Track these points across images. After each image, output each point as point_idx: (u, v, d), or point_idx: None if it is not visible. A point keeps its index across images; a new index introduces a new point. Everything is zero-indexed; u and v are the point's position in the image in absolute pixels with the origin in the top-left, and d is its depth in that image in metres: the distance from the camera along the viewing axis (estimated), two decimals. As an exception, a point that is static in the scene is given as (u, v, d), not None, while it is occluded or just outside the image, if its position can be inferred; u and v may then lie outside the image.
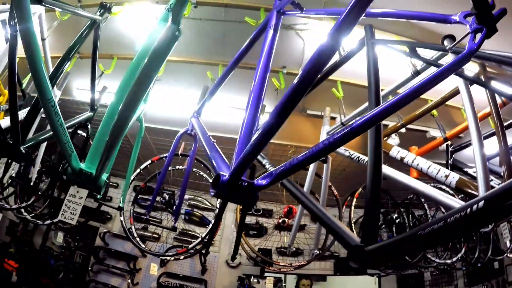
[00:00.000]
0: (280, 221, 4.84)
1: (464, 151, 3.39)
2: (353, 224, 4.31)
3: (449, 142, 3.41)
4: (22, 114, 3.27)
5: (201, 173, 4.29)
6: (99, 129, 1.67)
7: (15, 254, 5.95)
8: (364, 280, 6.33)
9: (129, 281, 5.91)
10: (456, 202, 1.60)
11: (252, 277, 6.05)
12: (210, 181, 1.30)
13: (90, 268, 5.96)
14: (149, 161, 4.01)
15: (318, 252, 4.28)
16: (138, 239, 4.09)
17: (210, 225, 3.87)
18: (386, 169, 2.23)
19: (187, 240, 5.96)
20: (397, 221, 4.60)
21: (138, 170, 3.93)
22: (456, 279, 5.98)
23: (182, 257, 4.22)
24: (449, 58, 2.08)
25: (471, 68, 2.47)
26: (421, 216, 4.83)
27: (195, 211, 6.27)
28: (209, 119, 3.63)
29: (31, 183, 3.89)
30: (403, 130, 3.76)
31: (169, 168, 3.74)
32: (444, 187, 2.49)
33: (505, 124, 2.20)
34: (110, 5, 2.91)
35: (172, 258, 4.25)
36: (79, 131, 3.54)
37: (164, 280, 5.94)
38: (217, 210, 3.90)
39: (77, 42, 2.57)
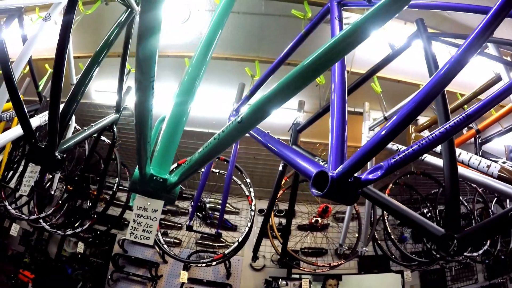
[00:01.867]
0: (313, 220, 4.60)
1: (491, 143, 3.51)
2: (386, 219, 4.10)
3: (478, 135, 3.38)
4: (39, 118, 3.04)
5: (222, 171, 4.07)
6: (166, 129, 1.40)
7: (30, 264, 5.73)
8: (390, 276, 6.12)
9: (151, 288, 5.66)
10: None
11: (280, 279, 5.78)
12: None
13: (109, 276, 5.70)
14: (175, 165, 3.74)
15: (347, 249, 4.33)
16: (165, 246, 3.84)
17: (246, 229, 3.61)
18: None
19: (210, 245, 5.72)
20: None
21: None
22: (476, 273, 5.90)
23: (214, 263, 3.95)
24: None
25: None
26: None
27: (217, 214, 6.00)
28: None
29: (52, 192, 3.62)
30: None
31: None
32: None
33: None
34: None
35: (204, 264, 3.99)
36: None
37: (187, 286, 5.67)
38: (252, 213, 3.65)
39: (111, 38, 2.22)
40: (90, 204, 3.94)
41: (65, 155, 1.83)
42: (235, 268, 5.98)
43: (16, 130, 2.41)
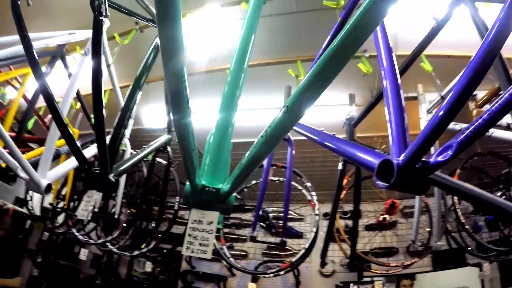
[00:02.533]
0: (381, 218, 4.35)
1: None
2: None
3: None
4: (95, 147, 3.13)
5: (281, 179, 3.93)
6: (214, 141, 1.36)
7: (102, 286, 5.96)
8: (467, 271, 5.66)
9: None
10: None
11: (351, 284, 5.53)
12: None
13: (179, 293, 5.78)
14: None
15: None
16: (232, 259, 3.78)
17: (312, 234, 3.47)
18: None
19: (276, 254, 5.61)
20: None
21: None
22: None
23: (282, 273, 3.84)
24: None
25: None
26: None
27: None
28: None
29: (116, 216, 3.71)
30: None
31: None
32: None
33: None
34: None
35: (272, 275, 3.88)
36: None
37: (256, 298, 5.60)
38: (317, 217, 3.51)
39: (149, 61, 2.30)
40: (154, 224, 3.98)
41: (119, 178, 1.83)
42: (304, 276, 5.83)
43: (73, 161, 2.46)
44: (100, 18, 1.53)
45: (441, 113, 0.89)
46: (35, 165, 2.12)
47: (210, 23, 3.34)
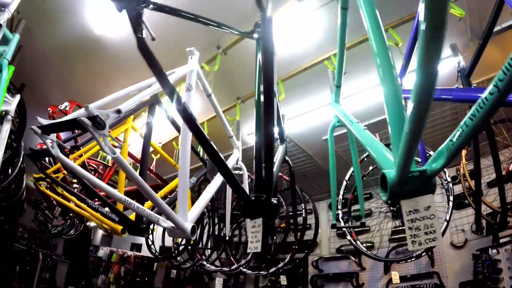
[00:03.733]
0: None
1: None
2: None
3: None
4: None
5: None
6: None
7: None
8: None
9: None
10: None
11: (490, 248, 5.14)
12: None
13: (313, 300, 5.75)
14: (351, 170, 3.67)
15: None
16: (368, 251, 3.69)
17: (450, 204, 3.27)
18: None
19: (403, 237, 5.39)
20: None
21: (344, 183, 3.60)
22: None
23: (424, 254, 3.67)
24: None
25: None
26: None
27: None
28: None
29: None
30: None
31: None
32: None
33: None
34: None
35: (414, 259, 3.71)
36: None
37: (393, 286, 5.40)
38: (451, 185, 3.32)
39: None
40: (283, 237, 3.99)
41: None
42: (436, 254, 5.51)
43: (210, 190, 2.47)
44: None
45: None
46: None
47: (292, 20, 3.34)
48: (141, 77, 1.77)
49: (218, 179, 2.64)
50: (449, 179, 3.31)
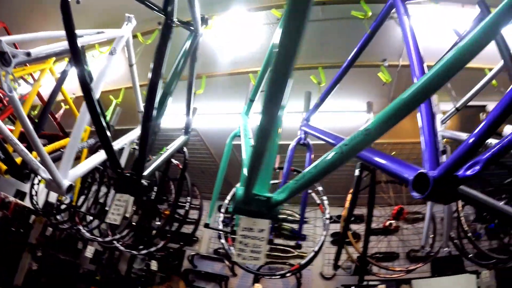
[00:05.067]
0: (387, 223, 4.39)
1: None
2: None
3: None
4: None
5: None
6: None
7: (101, 282, 5.94)
8: (464, 278, 5.71)
9: (221, 302, 5.66)
10: None
11: (353, 287, 5.56)
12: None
13: (181, 292, 5.76)
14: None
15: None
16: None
17: (322, 238, 3.47)
18: None
19: (277, 256, 5.61)
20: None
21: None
22: None
23: (289, 275, 3.85)
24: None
25: None
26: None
27: (285, 225, 5.88)
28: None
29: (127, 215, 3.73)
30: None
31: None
32: None
33: None
34: (207, 17, 2.66)
35: (279, 277, 3.88)
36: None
37: (258, 299, 5.61)
38: (328, 222, 3.52)
39: (179, 66, 2.27)
40: (162, 224, 3.97)
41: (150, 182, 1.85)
42: (305, 278, 5.84)
43: (99, 157, 2.41)
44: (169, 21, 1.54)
45: (480, 130, 0.95)
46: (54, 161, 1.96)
47: (236, 27, 3.36)
48: (78, 23, 1.66)
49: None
50: (327, 216, 3.51)
